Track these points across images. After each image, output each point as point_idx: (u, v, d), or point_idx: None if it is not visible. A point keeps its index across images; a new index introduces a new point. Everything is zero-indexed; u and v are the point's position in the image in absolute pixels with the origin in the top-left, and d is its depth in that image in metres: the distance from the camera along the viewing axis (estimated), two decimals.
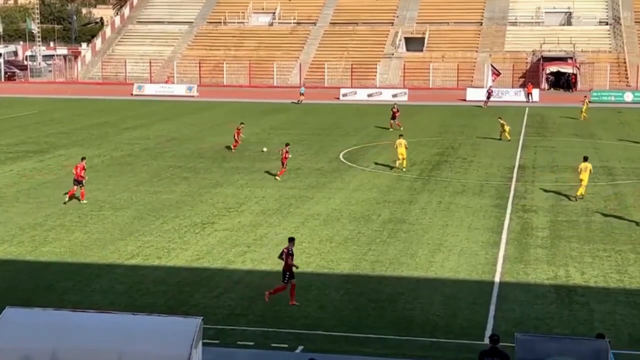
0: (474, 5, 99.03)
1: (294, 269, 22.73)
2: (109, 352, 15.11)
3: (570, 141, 52.31)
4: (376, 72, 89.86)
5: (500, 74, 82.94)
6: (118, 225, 31.09)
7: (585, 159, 36.33)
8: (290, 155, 40.10)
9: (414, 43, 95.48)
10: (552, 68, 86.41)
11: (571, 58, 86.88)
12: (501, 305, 22.85)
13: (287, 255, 22.65)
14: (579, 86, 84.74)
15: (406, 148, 42.03)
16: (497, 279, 25.06)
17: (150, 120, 62.82)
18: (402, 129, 53.44)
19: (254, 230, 30.42)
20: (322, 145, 49.67)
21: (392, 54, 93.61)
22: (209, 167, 43.05)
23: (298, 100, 75.02)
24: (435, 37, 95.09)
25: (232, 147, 48.28)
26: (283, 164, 39.88)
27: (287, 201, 35.06)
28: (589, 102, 66.44)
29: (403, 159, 41.94)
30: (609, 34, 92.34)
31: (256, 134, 55.08)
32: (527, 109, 69.40)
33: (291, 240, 23.13)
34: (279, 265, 26.33)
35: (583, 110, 63.26)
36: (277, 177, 39.63)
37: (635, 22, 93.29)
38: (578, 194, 35.42)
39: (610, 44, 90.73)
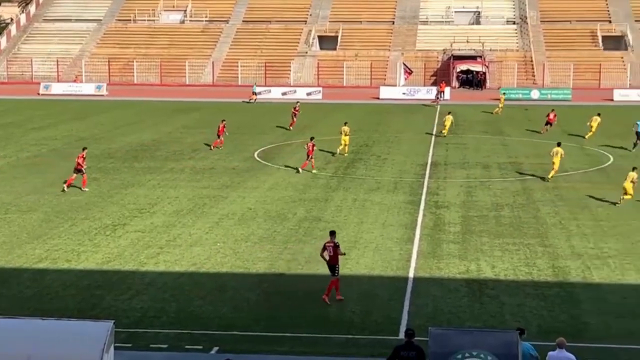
0: (385, 5, 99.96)
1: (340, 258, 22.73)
2: (18, 358, 14.66)
3: (481, 138, 53.28)
4: (290, 70, 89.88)
5: (412, 72, 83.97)
6: (25, 229, 30.28)
7: (559, 144, 39.42)
8: (316, 148, 41.08)
9: (327, 41, 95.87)
10: (463, 66, 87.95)
11: (480, 57, 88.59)
12: (415, 300, 23.10)
13: (334, 248, 22.57)
14: (488, 84, 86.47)
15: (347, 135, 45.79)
16: (411, 274, 25.32)
17: (57, 120, 61.46)
18: (291, 129, 54.81)
19: (167, 231, 30.01)
20: (236, 144, 49.38)
21: (306, 53, 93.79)
22: (119, 168, 42.32)
23: (250, 99, 74.78)
24: (348, 35, 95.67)
25: (212, 145, 47.85)
26: (308, 156, 40.74)
27: (201, 201, 34.72)
28: (505, 99, 68.10)
29: (345, 145, 45.80)
30: (516, 33, 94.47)
31: (168, 133, 54.43)
32: (438, 106, 70.41)
33: (333, 233, 23.16)
34: (193, 266, 26.06)
35: (500, 105, 65.64)
36: (299, 170, 40.61)
37: (541, 21, 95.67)
38: (550, 176, 38.40)
39: (517, 43, 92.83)
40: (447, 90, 78.08)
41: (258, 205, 33.95)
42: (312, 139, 41.68)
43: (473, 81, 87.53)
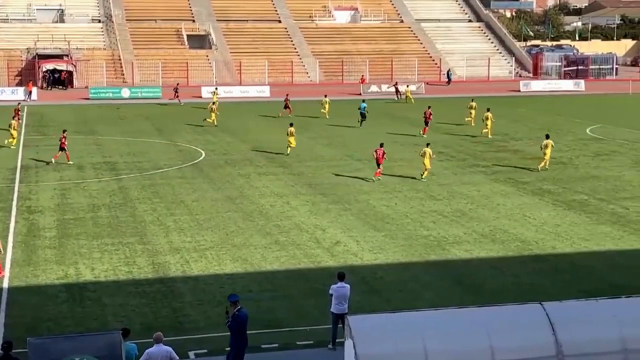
0: None
1: None
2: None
3: (74, 138, 52.08)
4: None
5: None
6: None
7: (547, 137, 41.56)
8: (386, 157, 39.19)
9: None
10: (49, 65, 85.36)
11: (67, 55, 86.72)
12: (12, 311, 21.99)
13: None
14: (75, 83, 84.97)
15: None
16: (5, 285, 24.02)
17: None
18: None
19: None
20: None
21: None
22: None
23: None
24: None
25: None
26: (379, 164, 38.70)
27: None
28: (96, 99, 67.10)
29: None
30: (103, 32, 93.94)
31: None
32: (26, 107, 67.59)
33: None
34: None
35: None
36: (373, 179, 38.54)
37: (127, 20, 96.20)
38: (540, 166, 40.68)
39: (104, 41, 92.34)
40: (34, 90, 75.30)
41: None
42: (381, 145, 39.68)
43: (60, 80, 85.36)
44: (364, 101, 59.70)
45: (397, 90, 76.58)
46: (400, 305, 21.59)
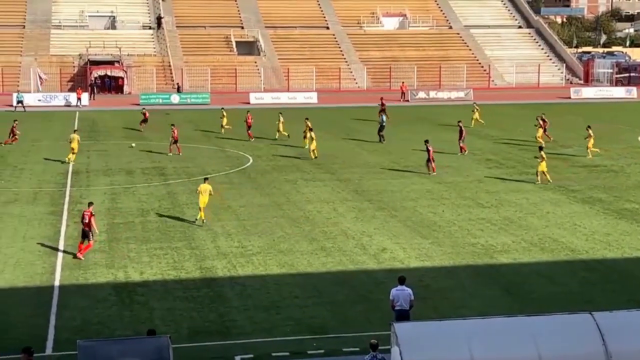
0: (14, 7, 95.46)
1: None
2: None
3: (122, 144, 52.77)
4: None
5: (46, 78, 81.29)
6: None
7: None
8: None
9: None
10: (100, 72, 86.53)
11: (118, 61, 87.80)
12: (62, 313, 22.28)
13: (90, 216, 26.99)
14: (126, 89, 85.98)
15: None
16: (56, 287, 24.37)
17: None
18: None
19: None
20: None
21: None
22: None
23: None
24: None
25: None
26: (433, 160, 41.36)
27: None
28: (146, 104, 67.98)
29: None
30: (153, 38, 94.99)
31: None
32: (77, 113, 68.61)
33: (90, 204, 27.40)
34: None
35: (476, 117, 60.56)
36: (434, 173, 41.17)
37: (177, 26, 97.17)
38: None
39: (154, 48, 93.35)
40: (84, 96, 76.39)
41: None
42: (427, 142, 42.01)
43: (112, 86, 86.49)
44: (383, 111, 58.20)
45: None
46: (447, 313, 21.45)
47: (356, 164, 44.84)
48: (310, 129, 48.36)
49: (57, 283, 24.75)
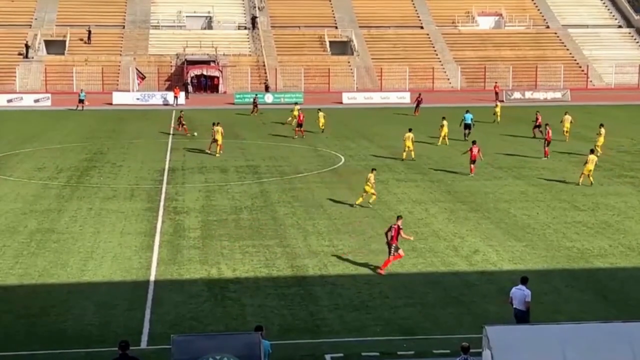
0: (115, 8, 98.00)
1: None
2: None
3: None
4: (15, 76, 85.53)
5: (145, 77, 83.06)
6: None
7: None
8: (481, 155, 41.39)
9: (55, 46, 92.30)
10: (196, 71, 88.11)
11: (214, 61, 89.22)
12: (157, 308, 22.75)
13: (397, 230, 25.51)
14: (222, 89, 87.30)
15: None
16: (151, 282, 24.92)
17: None
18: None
19: None
20: None
21: (32, 58, 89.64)
22: None
23: (77, 107, 70.66)
24: (76, 40, 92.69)
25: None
26: (474, 161, 40.97)
27: None
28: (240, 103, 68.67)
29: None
30: (248, 38, 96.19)
31: None
32: (174, 112, 70.03)
33: (399, 217, 26.48)
34: None
35: (497, 113, 62.52)
36: (471, 174, 40.93)
37: (272, 26, 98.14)
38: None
39: (249, 48, 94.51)
40: (181, 95, 77.86)
41: None
42: (474, 143, 41.81)
43: (208, 85, 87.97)
44: (468, 111, 55.52)
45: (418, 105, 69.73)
46: (541, 317, 21.05)
47: (449, 165, 44.44)
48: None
49: (152, 278, 25.30)
